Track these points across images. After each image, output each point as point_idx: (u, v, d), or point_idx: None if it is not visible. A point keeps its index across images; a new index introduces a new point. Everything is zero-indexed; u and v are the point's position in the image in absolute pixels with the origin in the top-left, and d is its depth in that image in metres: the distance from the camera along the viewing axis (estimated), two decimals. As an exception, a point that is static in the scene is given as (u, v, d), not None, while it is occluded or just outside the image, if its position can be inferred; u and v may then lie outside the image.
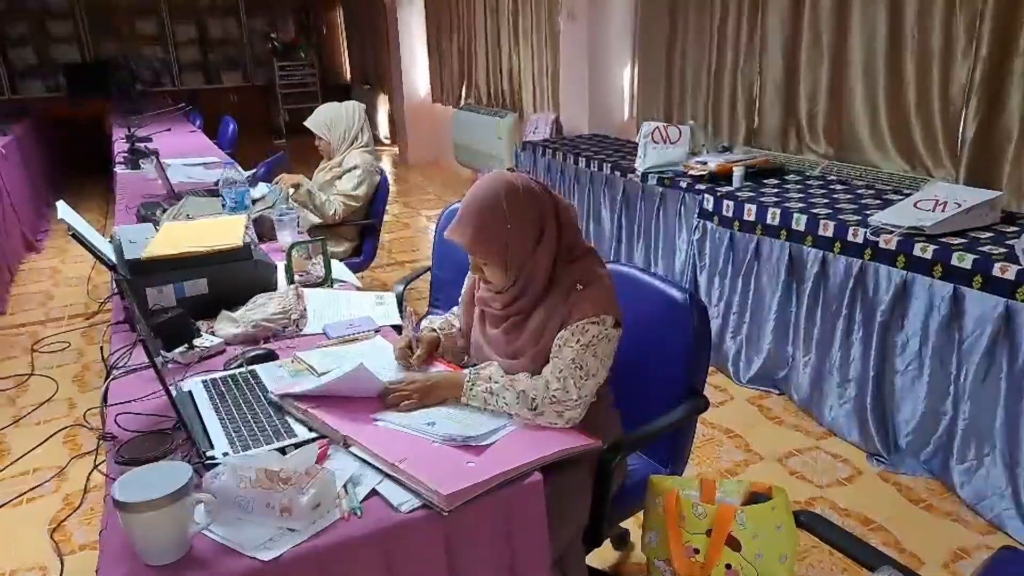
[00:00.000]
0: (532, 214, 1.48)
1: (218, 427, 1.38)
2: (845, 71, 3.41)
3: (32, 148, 6.65)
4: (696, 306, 1.73)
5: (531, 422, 1.40)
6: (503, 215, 1.45)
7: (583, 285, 1.50)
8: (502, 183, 1.48)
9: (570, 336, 1.46)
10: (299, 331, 1.87)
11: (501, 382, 1.42)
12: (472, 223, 1.45)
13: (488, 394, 1.42)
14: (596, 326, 1.47)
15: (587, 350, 1.45)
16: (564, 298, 1.50)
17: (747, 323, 3.13)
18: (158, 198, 3.31)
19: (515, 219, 1.46)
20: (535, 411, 1.39)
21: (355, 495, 1.18)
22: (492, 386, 1.42)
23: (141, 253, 1.86)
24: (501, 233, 1.45)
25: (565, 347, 1.45)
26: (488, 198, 1.46)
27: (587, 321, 1.46)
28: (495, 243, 1.46)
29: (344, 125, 3.42)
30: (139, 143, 4.88)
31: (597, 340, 1.46)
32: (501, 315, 1.57)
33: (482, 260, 1.50)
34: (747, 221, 3.05)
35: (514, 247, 1.47)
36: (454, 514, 1.13)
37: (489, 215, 1.45)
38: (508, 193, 1.46)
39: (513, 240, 1.47)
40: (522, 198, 1.48)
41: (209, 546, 1.08)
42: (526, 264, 1.50)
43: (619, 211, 3.93)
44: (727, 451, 2.70)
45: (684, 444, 1.81)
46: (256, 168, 3.98)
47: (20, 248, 5.18)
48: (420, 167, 8.29)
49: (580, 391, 1.41)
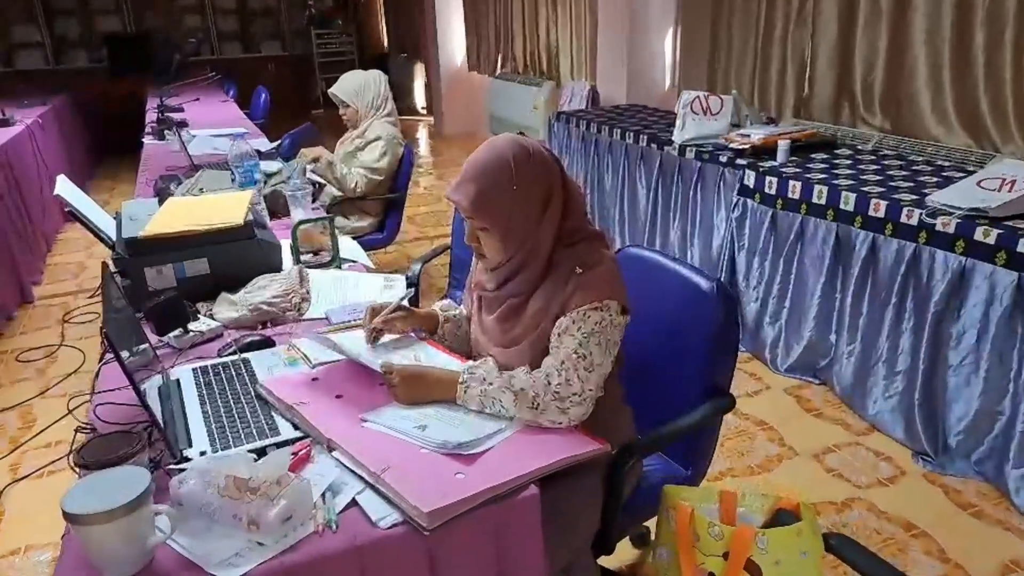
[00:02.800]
0: (540, 181, 1.36)
1: (200, 422, 1.30)
2: (906, 37, 3.14)
3: (71, 120, 6.71)
4: (723, 296, 1.57)
5: (533, 422, 1.28)
6: (510, 176, 1.32)
7: (583, 268, 1.37)
8: (512, 143, 1.36)
9: (571, 324, 1.33)
10: (301, 315, 1.78)
11: (496, 383, 1.29)
12: (475, 182, 1.33)
13: (483, 396, 1.29)
14: (599, 312, 1.34)
15: (590, 339, 1.32)
16: (563, 283, 1.37)
17: (787, 308, 2.95)
18: (179, 170, 3.25)
19: (522, 183, 1.33)
20: (536, 409, 1.27)
21: (333, 506, 1.08)
22: (487, 388, 1.29)
23: (139, 231, 1.78)
24: (505, 196, 1.33)
25: (565, 336, 1.33)
26: (495, 157, 1.34)
27: (588, 307, 1.33)
28: (498, 207, 1.33)
29: (372, 93, 3.32)
30: (168, 112, 4.86)
31: (601, 328, 1.33)
32: (496, 300, 1.45)
33: (480, 225, 1.37)
34: (791, 199, 2.84)
35: (517, 214, 1.35)
36: (437, 532, 1.02)
37: (494, 175, 1.33)
38: (517, 154, 1.34)
39: (517, 206, 1.34)
40: (532, 161, 1.35)
41: (172, 559, 0.99)
42: (528, 237, 1.37)
43: (655, 186, 3.74)
44: (759, 445, 2.55)
45: (706, 445, 1.67)
46: (281, 139, 3.91)
47: (58, 218, 5.22)
48: (455, 138, 8.14)
49: (584, 384, 1.29)
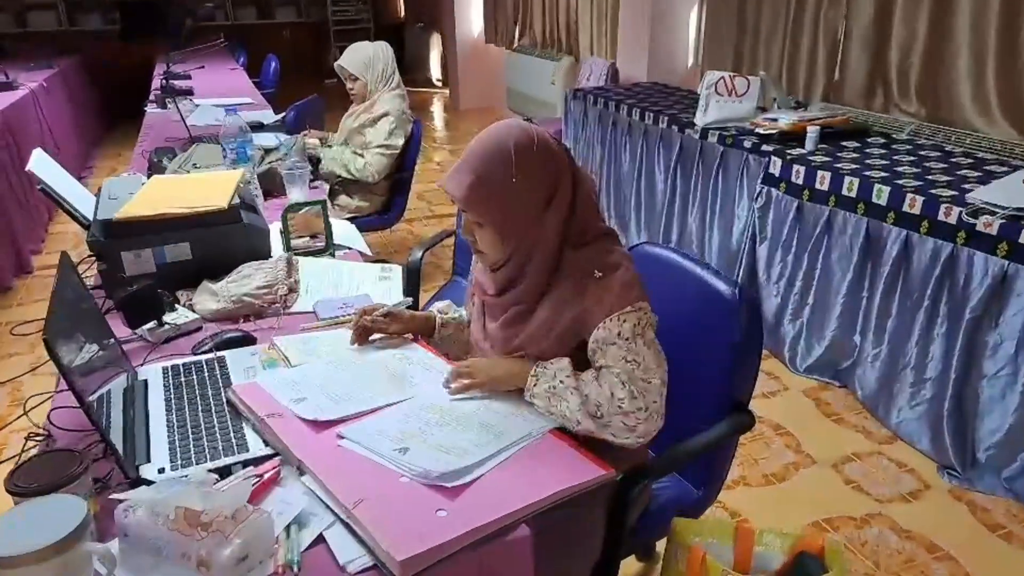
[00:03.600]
0: (544, 172, 1.22)
1: (163, 433, 1.18)
2: (949, 19, 2.93)
3: (80, 84, 6.59)
4: (747, 303, 1.43)
5: (596, 434, 1.19)
6: (509, 166, 1.19)
7: (602, 272, 1.24)
8: (514, 130, 1.23)
9: (608, 334, 1.21)
10: (287, 308, 1.65)
11: (567, 382, 1.20)
12: (471, 171, 1.20)
13: (551, 394, 1.20)
14: (634, 315, 1.22)
15: (636, 342, 1.21)
16: (579, 290, 1.24)
17: (810, 305, 2.79)
18: (177, 143, 3.12)
19: (523, 174, 1.19)
20: (600, 419, 1.18)
21: (297, 542, 0.96)
22: (556, 385, 1.20)
23: (114, 213, 1.65)
24: (503, 188, 1.19)
25: (608, 348, 1.21)
26: (494, 144, 1.21)
27: (620, 313, 1.21)
28: (495, 199, 1.20)
29: (381, 65, 3.16)
30: (174, 80, 4.72)
31: (641, 328, 1.22)
32: (500, 306, 1.32)
33: (476, 219, 1.25)
34: (819, 190, 2.67)
35: (516, 209, 1.21)
36: (412, 581, 0.89)
37: (493, 165, 1.19)
38: (519, 142, 1.20)
39: (517, 200, 1.21)
40: (535, 151, 1.21)
41: (110, 601, 0.88)
42: (528, 234, 1.24)
43: (674, 170, 3.57)
44: (775, 451, 2.41)
45: (721, 465, 1.54)
46: (287, 111, 3.77)
47: (62, 185, 5.12)
48: (471, 113, 7.94)
49: (646, 397, 1.19)
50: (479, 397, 1.25)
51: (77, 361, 1.07)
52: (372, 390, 1.27)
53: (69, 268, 1.25)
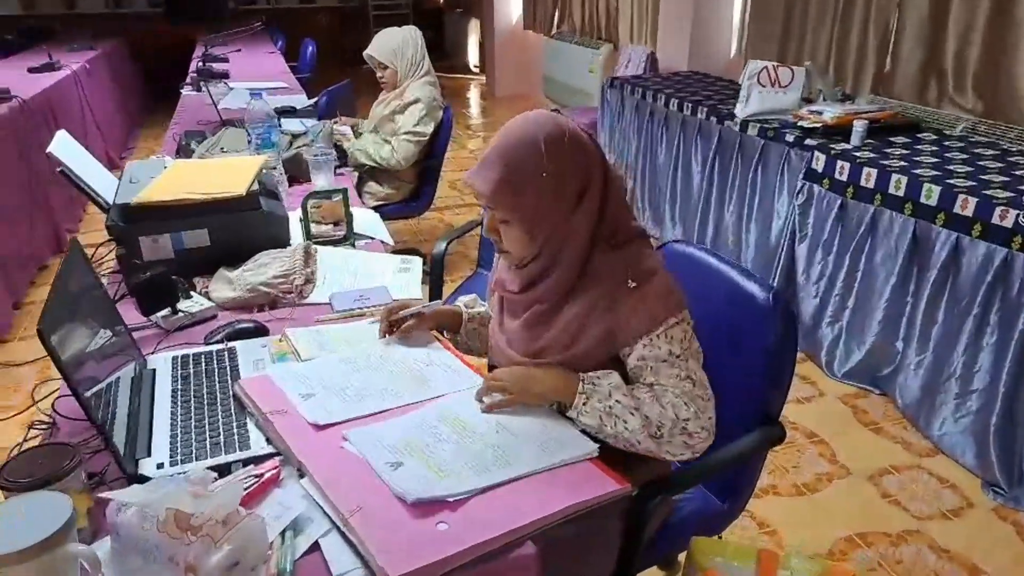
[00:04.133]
0: (575, 168, 1.15)
1: (166, 425, 1.15)
2: (1012, 7, 2.76)
3: (123, 67, 6.67)
4: (782, 309, 1.35)
5: (653, 453, 1.15)
6: (539, 161, 1.12)
7: (637, 281, 1.16)
8: (544, 122, 1.15)
9: (658, 353, 1.15)
10: (303, 299, 1.61)
11: (624, 402, 1.13)
12: (498, 166, 1.13)
13: (606, 414, 1.13)
14: (679, 327, 1.17)
15: (687, 360, 1.16)
16: (610, 299, 1.17)
17: (850, 308, 2.67)
18: (209, 126, 3.11)
19: (554, 168, 1.12)
20: (660, 439, 1.13)
21: (291, 548, 0.92)
22: (612, 404, 1.13)
23: (132, 197, 1.63)
24: (532, 184, 1.12)
25: (660, 366, 1.15)
26: (523, 137, 1.13)
27: (666, 329, 1.15)
28: (523, 195, 1.13)
29: (411, 51, 3.10)
30: (211, 63, 4.73)
31: (688, 341, 1.17)
32: (522, 304, 1.25)
33: (503, 217, 1.17)
34: (864, 188, 2.55)
35: (546, 207, 1.14)
36: (406, 599, 0.84)
37: (522, 158, 1.12)
38: (550, 135, 1.13)
39: (546, 197, 1.13)
40: (567, 145, 1.14)
41: (98, 603, 0.85)
42: (556, 232, 1.17)
43: (711, 163, 3.45)
44: (808, 460, 2.31)
45: (748, 478, 1.46)
46: (319, 96, 3.74)
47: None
48: (507, 100, 7.85)
49: (706, 415, 1.15)
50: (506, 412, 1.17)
51: (80, 350, 1.04)
52: (385, 391, 1.22)
53: (78, 254, 1.22)
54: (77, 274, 1.17)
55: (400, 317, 1.38)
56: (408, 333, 1.38)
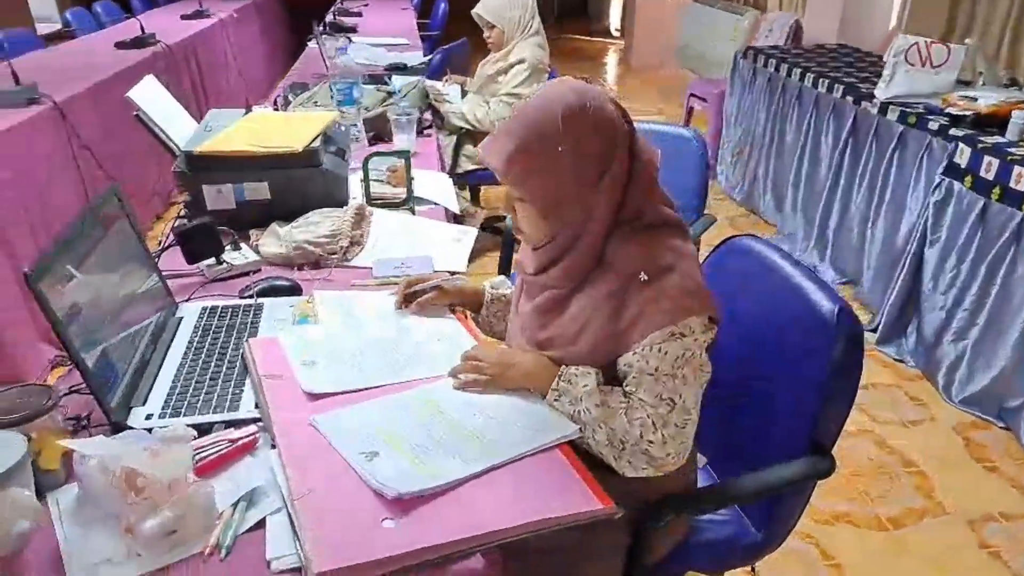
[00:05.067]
0: (596, 143, 1.03)
1: (170, 376, 1.16)
2: None
3: (271, 17, 6.98)
4: (847, 328, 1.16)
5: (614, 466, 1.05)
6: (556, 134, 1.02)
7: (649, 275, 1.04)
8: (566, 91, 1.05)
9: (645, 365, 1.03)
10: (346, 261, 1.59)
11: (594, 413, 1.03)
12: (513, 138, 1.03)
13: (576, 420, 1.05)
14: (678, 341, 1.02)
15: (675, 379, 1.03)
16: (619, 294, 1.05)
17: (980, 326, 2.33)
18: (321, 79, 3.17)
19: (571, 143, 1.02)
20: (622, 451, 1.03)
21: (240, 522, 0.89)
22: (582, 412, 1.04)
23: (198, 146, 1.66)
24: (548, 159, 1.02)
25: (644, 378, 1.03)
26: (542, 108, 1.04)
27: (664, 338, 1.02)
28: (537, 172, 1.04)
29: (519, 11, 3.00)
30: (342, 16, 4.84)
31: (685, 360, 1.03)
32: (537, 286, 1.16)
33: (517, 194, 1.09)
34: (1013, 190, 2.19)
35: (562, 184, 1.04)
36: (331, 597, 0.79)
37: (537, 132, 1.02)
38: (570, 107, 1.02)
39: (562, 172, 1.03)
40: (588, 118, 1.03)
41: (48, 548, 0.86)
42: (572, 212, 1.06)
43: (842, 147, 3.11)
44: (899, 490, 2.06)
45: (789, 509, 1.29)
46: (433, 55, 3.72)
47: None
48: (643, 68, 7.51)
49: (677, 441, 1.03)
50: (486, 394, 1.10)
51: (89, 293, 1.06)
52: (387, 365, 1.18)
53: (114, 199, 1.25)
54: (104, 218, 1.19)
55: (419, 289, 1.33)
56: (425, 307, 1.32)
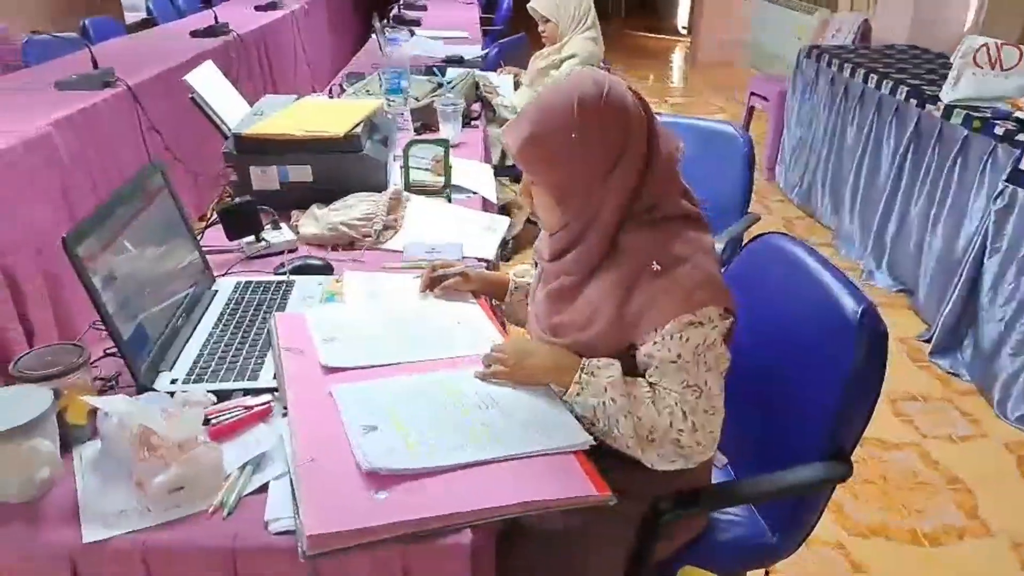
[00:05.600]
0: (611, 131, 1.04)
1: (198, 345, 1.22)
2: None
3: (342, 9, 7.14)
4: (869, 329, 1.13)
5: (641, 459, 1.05)
6: (569, 121, 1.02)
7: (662, 265, 1.03)
8: (583, 80, 1.06)
9: (667, 354, 1.02)
10: (380, 243, 1.63)
11: (620, 402, 1.02)
12: (529, 122, 1.05)
13: (599, 410, 1.04)
14: (697, 329, 1.02)
15: (698, 366, 1.02)
16: (631, 283, 1.05)
17: (1040, 341, 2.22)
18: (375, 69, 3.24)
19: (584, 131, 1.03)
20: (651, 443, 1.03)
21: (244, 483, 0.93)
22: (607, 403, 1.03)
23: (246, 128, 1.73)
24: (561, 146, 1.03)
25: (667, 368, 1.03)
26: (559, 95, 1.05)
27: (682, 326, 1.02)
28: (549, 155, 1.05)
29: (572, 6, 3.00)
30: (407, 10, 4.92)
31: (706, 346, 1.02)
32: (552, 272, 1.17)
33: (531, 179, 1.11)
34: (1081, 199, 2.08)
35: (574, 171, 1.05)
36: (322, 561, 0.82)
37: (552, 118, 1.04)
38: (586, 93, 1.03)
39: (575, 160, 1.04)
40: (603, 107, 1.03)
41: (68, 496, 0.92)
42: (585, 199, 1.07)
43: (903, 151, 3.00)
44: (938, 506, 1.98)
45: (806, 511, 1.26)
46: (490, 48, 3.75)
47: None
48: (708, 66, 7.37)
49: (706, 430, 1.03)
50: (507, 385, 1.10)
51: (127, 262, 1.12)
52: (406, 345, 1.20)
53: (158, 174, 1.31)
54: (146, 192, 1.26)
55: (443, 275, 1.36)
56: (448, 291, 1.35)
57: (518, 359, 1.11)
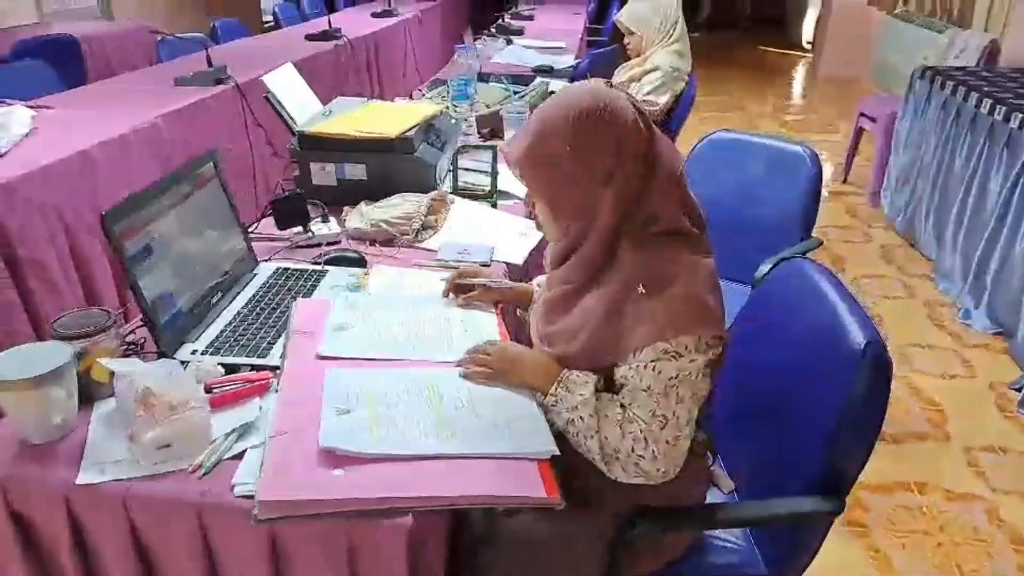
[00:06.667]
0: (604, 144, 1.05)
1: (224, 322, 1.32)
2: None
3: (455, 18, 7.37)
4: (871, 363, 1.09)
5: (606, 473, 1.06)
6: (565, 135, 1.05)
7: (647, 288, 1.03)
8: (583, 93, 1.08)
9: (639, 382, 1.03)
10: (418, 242, 1.70)
11: (588, 422, 1.04)
12: (528, 135, 1.08)
13: (571, 425, 1.06)
14: (672, 362, 1.02)
15: (669, 398, 1.02)
16: (618, 303, 1.06)
17: None
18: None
19: (578, 144, 1.04)
20: (616, 461, 1.04)
21: (225, 448, 1.02)
22: (576, 420, 1.05)
23: (309, 127, 1.86)
24: (555, 158, 1.05)
25: (638, 394, 1.03)
26: (558, 108, 1.07)
27: (657, 356, 1.02)
28: (544, 166, 1.08)
29: (660, 18, 2.98)
30: (513, 20, 5.02)
31: (680, 380, 1.02)
32: (554, 279, 1.19)
33: (529, 190, 1.14)
34: None
35: (568, 184, 1.07)
36: (275, 527, 0.89)
37: (549, 131, 1.06)
38: (583, 107, 1.05)
39: (568, 172, 1.06)
40: (599, 120, 1.04)
41: (76, 445, 1.03)
42: (579, 210, 1.08)
43: (1012, 183, 2.76)
44: (997, 569, 1.82)
45: (806, 542, 1.21)
46: (581, 59, 3.78)
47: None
48: (830, 83, 7.04)
49: (668, 457, 1.03)
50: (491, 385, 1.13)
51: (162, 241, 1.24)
52: (408, 344, 1.24)
53: (211, 163, 1.44)
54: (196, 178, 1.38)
55: (467, 284, 1.38)
56: (469, 303, 1.37)
57: (502, 364, 1.14)
